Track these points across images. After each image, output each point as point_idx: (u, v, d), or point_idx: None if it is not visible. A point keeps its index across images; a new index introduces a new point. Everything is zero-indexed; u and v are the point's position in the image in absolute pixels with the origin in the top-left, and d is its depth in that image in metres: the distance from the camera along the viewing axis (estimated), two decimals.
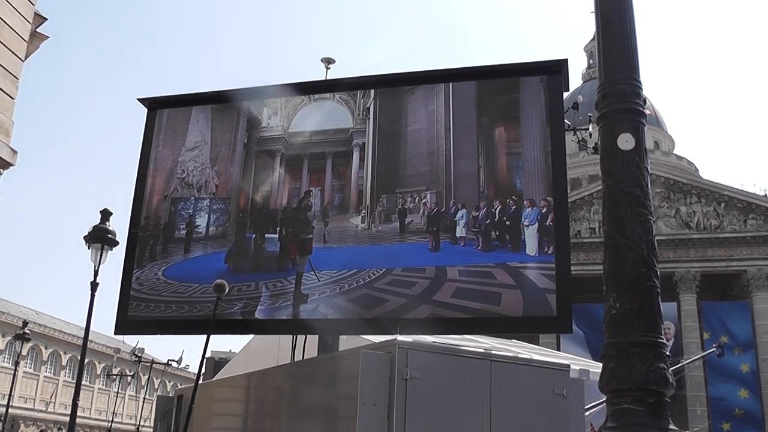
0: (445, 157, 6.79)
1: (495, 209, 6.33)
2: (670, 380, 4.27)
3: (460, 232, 6.40)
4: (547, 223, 6.10)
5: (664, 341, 4.43)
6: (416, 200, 6.79)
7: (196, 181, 8.01)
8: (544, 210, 6.17)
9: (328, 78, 10.79)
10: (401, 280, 6.45)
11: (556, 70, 6.70)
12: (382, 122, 7.29)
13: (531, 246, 6.11)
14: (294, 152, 7.84)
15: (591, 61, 77.61)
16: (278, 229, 7.38)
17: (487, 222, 6.30)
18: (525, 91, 6.78)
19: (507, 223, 6.25)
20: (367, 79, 7.72)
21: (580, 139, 26.87)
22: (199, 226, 7.80)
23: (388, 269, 6.57)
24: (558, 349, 28.16)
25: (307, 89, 7.97)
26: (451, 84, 7.14)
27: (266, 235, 7.37)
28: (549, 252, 6.05)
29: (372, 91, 7.57)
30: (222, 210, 7.91)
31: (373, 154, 7.26)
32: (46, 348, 72.59)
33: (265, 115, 8.19)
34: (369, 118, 7.38)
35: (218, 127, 8.27)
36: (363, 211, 7.05)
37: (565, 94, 6.92)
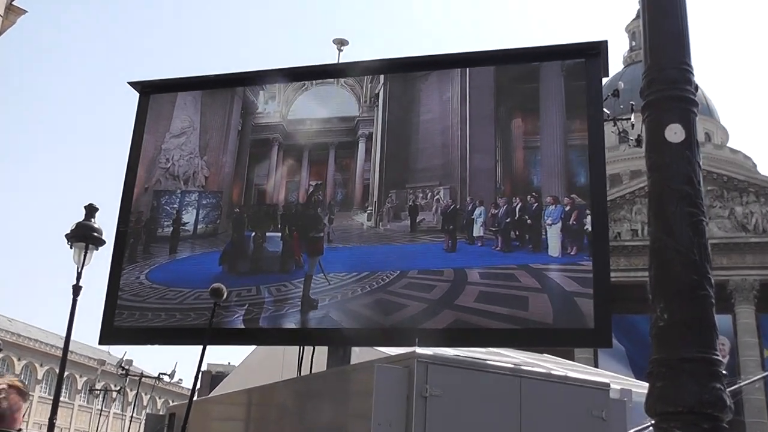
0: (461, 150, 6.86)
1: (515, 206, 6.42)
2: (728, 403, 4.25)
3: (477, 231, 6.50)
4: (571, 222, 6.20)
5: (720, 358, 4.42)
6: (428, 196, 6.86)
7: (182, 172, 8.01)
8: (568, 208, 6.26)
9: (341, 61, 10.85)
10: (418, 284, 6.52)
11: (594, 53, 6.71)
12: (392, 110, 7.32)
13: (554, 247, 6.21)
14: (293, 142, 7.85)
15: (633, 43, 77.24)
16: (280, 226, 7.40)
17: (507, 220, 6.41)
18: (545, 80, 6.83)
19: (528, 221, 6.35)
20: (375, 64, 7.72)
21: (620, 130, 26.77)
22: (186, 223, 7.82)
23: (403, 271, 6.63)
24: (596, 366, 28.05)
25: (308, 75, 7.96)
26: (468, 70, 7.14)
27: (267, 234, 7.38)
28: (572, 253, 6.15)
29: (381, 75, 7.59)
30: (213, 205, 7.90)
31: (381, 146, 7.29)
32: (19, 359, 72.84)
33: (261, 99, 8.17)
34: (377, 106, 7.40)
35: (209, 111, 8.24)
36: (369, 208, 7.08)
37: (604, 80, 6.92)
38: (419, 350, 5.47)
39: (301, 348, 7.08)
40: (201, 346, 6.06)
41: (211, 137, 8.13)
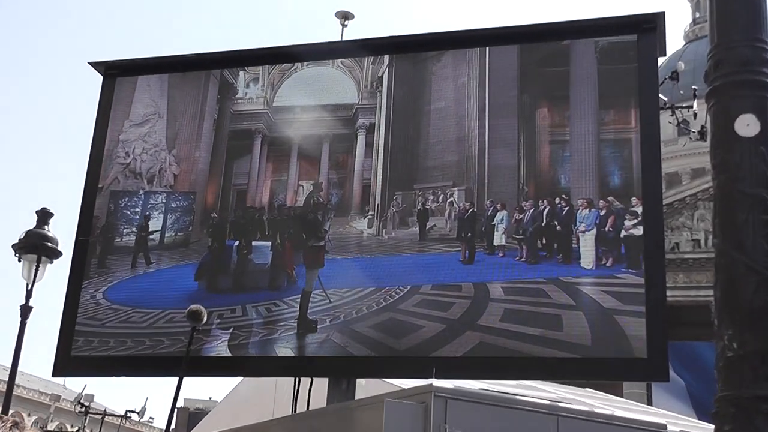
0: (478, 145, 6.91)
1: (542, 211, 6.47)
2: None
3: (498, 239, 6.56)
4: (607, 229, 6.24)
5: None
6: (440, 199, 6.91)
7: (146, 169, 7.99)
8: (603, 212, 6.29)
9: (341, 39, 10.85)
10: (433, 301, 6.59)
11: (649, 27, 6.72)
12: (398, 97, 7.34)
13: (587, 257, 6.26)
14: (279, 134, 7.87)
15: (697, 14, 76.86)
16: (269, 234, 7.39)
17: (534, 227, 6.46)
18: (576, 62, 6.87)
19: (557, 228, 6.40)
20: (378, 42, 7.73)
21: (680, 120, 26.69)
22: (152, 230, 7.82)
23: (414, 286, 6.70)
24: (649, 402, 28.02)
25: (298, 56, 7.95)
26: (488, 50, 7.14)
27: (254, 243, 7.39)
28: (608, 264, 6.20)
29: (386, 56, 7.60)
30: (184, 209, 7.89)
31: (385, 139, 7.31)
32: None
33: (241, 81, 8.15)
34: (380, 92, 7.42)
35: (178, 94, 8.23)
36: (370, 213, 7.11)
37: (661, 60, 6.93)
38: (437, 383, 5.48)
39: (297, 380, 7.11)
40: (176, 378, 6.09)
41: (181, 127, 8.12)
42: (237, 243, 7.52)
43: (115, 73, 8.24)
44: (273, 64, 8.01)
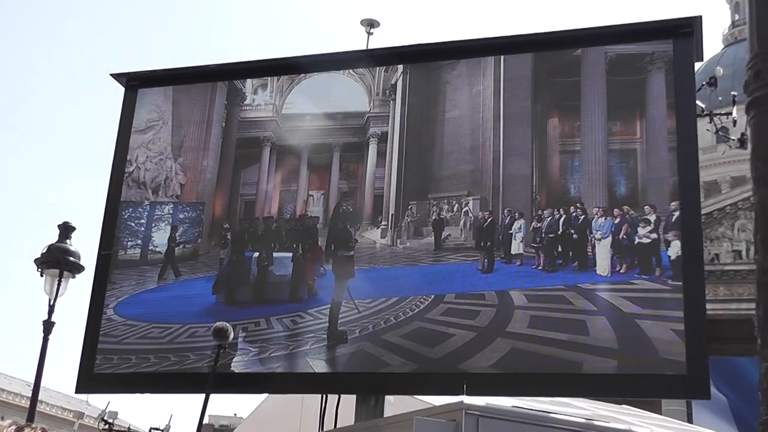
0: (493, 154, 7.02)
1: (558, 219, 6.65)
2: None
3: (516, 248, 6.71)
4: (621, 237, 6.39)
5: None
6: (455, 208, 7.01)
7: (150, 178, 7.99)
8: (617, 220, 6.44)
9: (370, 47, 10.88)
10: (460, 309, 6.72)
11: (685, 32, 6.70)
12: (412, 105, 7.39)
13: (602, 264, 6.40)
14: (288, 142, 7.87)
15: (736, 17, 76.34)
16: (287, 244, 7.39)
17: (551, 235, 6.62)
18: (588, 73, 6.98)
19: (574, 236, 6.55)
20: (391, 52, 7.74)
21: (718, 127, 26.47)
22: (156, 243, 7.82)
23: (438, 296, 6.80)
24: (690, 420, 27.76)
25: (309, 66, 7.93)
26: (502, 58, 7.21)
27: (275, 254, 7.39)
28: (622, 271, 6.35)
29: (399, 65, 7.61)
30: (192, 220, 7.89)
31: (399, 148, 7.33)
32: None
33: (249, 87, 8.16)
34: (393, 99, 7.44)
35: (184, 99, 8.27)
36: (383, 223, 7.13)
37: (698, 65, 6.90)
38: (468, 400, 5.47)
39: (324, 396, 7.11)
40: (201, 395, 6.10)
41: (188, 134, 8.10)
42: (257, 254, 7.52)
43: (137, 85, 8.26)
44: (299, 74, 8.01)
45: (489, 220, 6.89)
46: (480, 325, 6.54)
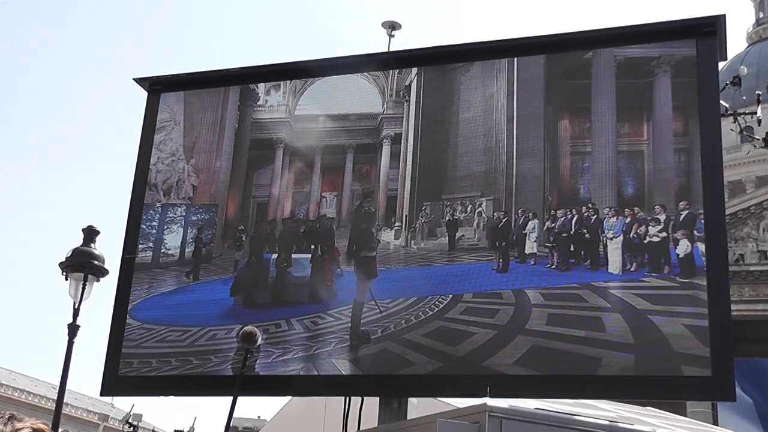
0: (506, 155, 7.10)
1: (571, 219, 6.78)
2: None
3: (530, 247, 6.82)
4: (632, 236, 6.50)
5: None
6: (468, 209, 7.08)
7: (162, 180, 8.00)
8: (629, 220, 6.55)
9: (391, 49, 10.88)
10: (478, 308, 6.80)
11: (708, 31, 6.68)
12: (426, 106, 7.42)
13: (614, 263, 6.52)
14: (301, 143, 7.87)
15: (761, 15, 75.85)
16: (304, 246, 7.41)
17: (564, 235, 6.74)
18: (598, 75, 7.04)
19: (586, 235, 6.67)
20: (404, 55, 7.78)
21: (742, 127, 26.33)
22: (168, 246, 7.83)
23: (456, 295, 6.87)
24: (715, 422, 27.66)
25: (323, 69, 7.92)
26: (516, 61, 7.31)
27: (293, 256, 7.40)
28: (632, 269, 6.45)
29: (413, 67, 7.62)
30: (206, 222, 7.90)
31: (414, 149, 7.36)
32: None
33: (262, 88, 8.16)
34: (408, 101, 7.47)
35: (196, 100, 8.30)
36: (397, 224, 7.16)
37: (721, 64, 6.88)
38: (491, 402, 5.47)
39: (347, 399, 7.12)
40: (225, 398, 6.11)
41: (200, 134, 8.11)
42: (275, 256, 7.52)
43: (160, 89, 8.29)
44: (324, 76, 8.01)
45: (504, 220, 6.97)
46: (499, 323, 6.62)
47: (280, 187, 7.79)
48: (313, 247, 7.49)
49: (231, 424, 6.02)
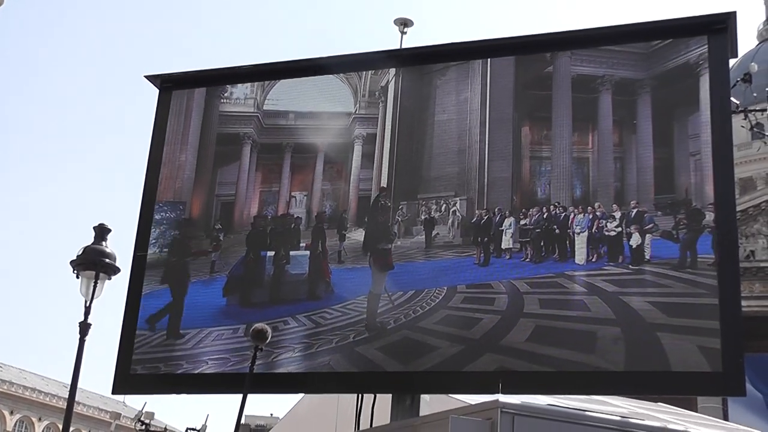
0: (479, 157, 7.37)
1: (544, 216, 7.22)
2: None
3: (506, 243, 7.16)
4: (594, 231, 6.96)
5: None
6: (442, 208, 7.31)
7: None
8: (591, 217, 7.02)
9: (404, 46, 10.84)
10: (476, 297, 7.10)
11: (719, 28, 6.68)
12: (404, 108, 7.47)
13: (580, 255, 6.95)
14: (270, 140, 7.82)
15: None
16: (302, 242, 7.42)
17: (538, 231, 7.14)
18: (558, 87, 7.37)
19: (556, 231, 7.07)
20: (381, 56, 7.81)
21: (753, 123, 26.28)
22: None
23: (450, 287, 7.13)
24: (725, 418, 27.54)
25: (340, 67, 7.93)
26: (489, 70, 7.51)
27: (291, 253, 7.40)
28: (594, 260, 6.90)
29: (393, 68, 7.64)
30: (170, 222, 7.85)
31: (391, 149, 7.37)
32: (12, 413, 72.81)
33: None
34: (384, 102, 7.51)
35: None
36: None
37: (732, 61, 6.88)
38: (503, 398, 5.48)
39: (360, 396, 7.14)
40: (237, 395, 6.12)
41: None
42: (273, 254, 7.49)
43: (171, 87, 8.30)
44: (339, 74, 7.96)
45: (486, 217, 7.25)
46: (500, 309, 6.90)
47: (248, 185, 7.71)
48: (313, 243, 7.49)
49: (243, 422, 6.03)
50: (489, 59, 7.54)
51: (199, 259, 7.67)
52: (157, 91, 8.34)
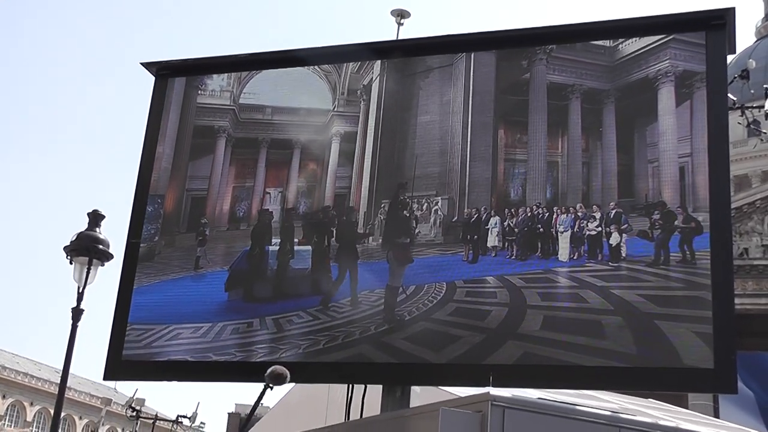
0: (460, 158, 7.45)
1: (529, 216, 7.33)
2: None
3: (492, 241, 7.27)
4: (575, 230, 7.09)
5: None
6: (424, 207, 7.38)
7: None
8: (573, 216, 7.16)
9: (400, 38, 10.83)
10: (477, 291, 7.16)
11: (718, 24, 6.68)
12: (387, 108, 7.47)
13: (564, 252, 7.07)
14: (246, 134, 7.76)
15: None
16: (306, 237, 7.41)
17: (525, 229, 7.25)
18: (535, 92, 7.51)
19: (540, 230, 7.20)
20: (366, 48, 7.77)
21: (750, 120, 26.27)
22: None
23: (449, 283, 7.19)
24: (716, 415, 27.62)
25: (338, 56, 7.89)
26: (472, 74, 7.56)
27: (296, 248, 7.39)
28: (575, 257, 7.03)
29: (377, 65, 7.62)
30: (150, 215, 7.78)
31: (374, 148, 7.37)
32: (4, 397, 73.07)
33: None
34: (367, 101, 7.52)
35: None
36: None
37: (730, 57, 6.89)
38: (494, 391, 5.48)
39: (350, 386, 7.14)
40: (228, 383, 6.12)
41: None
42: (272, 248, 7.46)
43: (167, 74, 8.27)
44: (336, 63, 7.93)
45: (475, 216, 7.33)
46: (505, 302, 6.96)
47: (221, 180, 7.65)
48: (316, 238, 7.47)
49: (234, 411, 6.03)
50: (473, 55, 7.62)
51: (177, 255, 7.60)
52: (154, 78, 8.32)
